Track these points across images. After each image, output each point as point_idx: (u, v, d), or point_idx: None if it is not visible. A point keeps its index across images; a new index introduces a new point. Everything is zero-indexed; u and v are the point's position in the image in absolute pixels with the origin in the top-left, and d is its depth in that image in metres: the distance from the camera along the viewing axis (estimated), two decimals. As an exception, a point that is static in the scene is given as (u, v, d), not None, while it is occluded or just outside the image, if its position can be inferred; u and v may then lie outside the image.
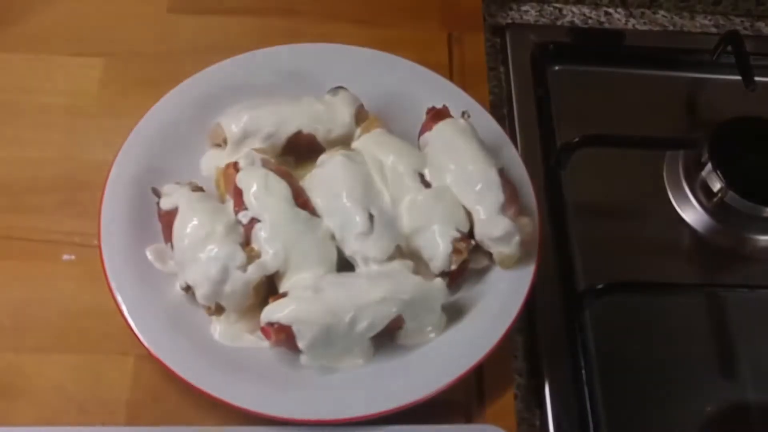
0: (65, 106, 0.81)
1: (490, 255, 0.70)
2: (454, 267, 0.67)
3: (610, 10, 0.98)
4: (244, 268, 0.64)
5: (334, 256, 0.67)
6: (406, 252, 0.68)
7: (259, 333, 0.65)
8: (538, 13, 0.97)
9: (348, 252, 0.67)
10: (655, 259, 0.80)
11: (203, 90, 0.78)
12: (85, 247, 0.73)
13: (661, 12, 0.99)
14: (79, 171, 0.77)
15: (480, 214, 0.68)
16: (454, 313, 0.68)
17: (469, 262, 0.69)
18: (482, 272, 0.71)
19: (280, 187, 0.67)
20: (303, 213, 0.67)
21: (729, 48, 0.89)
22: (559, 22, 0.96)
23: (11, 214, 0.74)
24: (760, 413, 0.73)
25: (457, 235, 0.67)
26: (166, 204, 0.68)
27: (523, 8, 0.97)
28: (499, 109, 0.87)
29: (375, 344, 0.66)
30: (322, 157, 0.73)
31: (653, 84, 0.93)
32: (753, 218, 0.80)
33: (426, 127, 0.74)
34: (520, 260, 0.70)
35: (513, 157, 0.76)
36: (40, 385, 0.66)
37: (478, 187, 0.69)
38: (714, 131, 0.82)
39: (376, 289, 0.63)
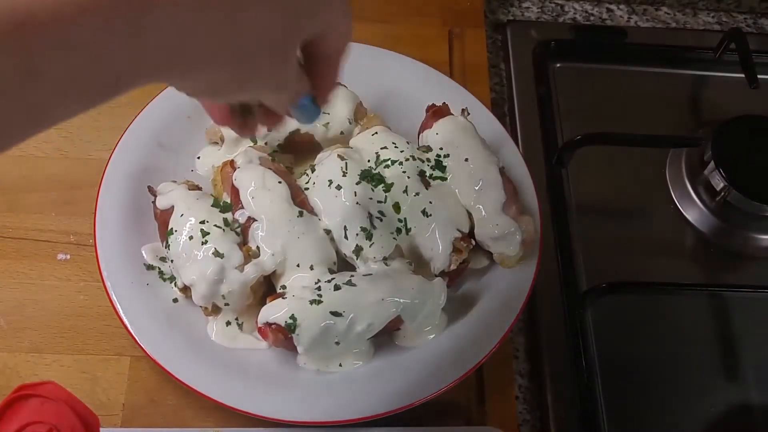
0: (61, 104, 0.80)
1: (490, 255, 0.70)
2: (453, 267, 0.66)
3: (612, 7, 0.98)
4: (241, 267, 0.63)
5: (332, 256, 0.66)
6: (405, 252, 0.67)
7: (257, 333, 0.64)
8: (539, 10, 0.96)
9: (347, 252, 0.66)
10: (657, 258, 0.80)
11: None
12: (81, 247, 0.72)
13: (664, 9, 0.98)
14: (74, 169, 0.77)
15: (480, 213, 0.68)
16: (454, 313, 0.67)
17: (468, 262, 0.68)
18: (483, 272, 0.70)
19: (278, 185, 0.66)
20: (301, 212, 0.66)
21: (732, 45, 0.88)
22: (560, 19, 0.96)
23: (6, 213, 0.74)
24: (762, 414, 0.72)
25: (458, 234, 0.67)
26: (162, 203, 0.67)
27: (525, 5, 0.96)
28: (500, 107, 0.87)
29: (374, 344, 0.65)
30: (320, 155, 0.72)
31: (656, 82, 0.92)
32: (756, 217, 0.80)
33: (426, 125, 0.73)
34: (521, 260, 0.69)
35: (514, 156, 0.76)
36: (35, 387, 0.65)
37: (479, 185, 0.68)
38: (717, 129, 0.81)
39: (375, 290, 0.62)
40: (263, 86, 0.40)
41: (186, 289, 0.66)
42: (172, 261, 0.66)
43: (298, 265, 0.64)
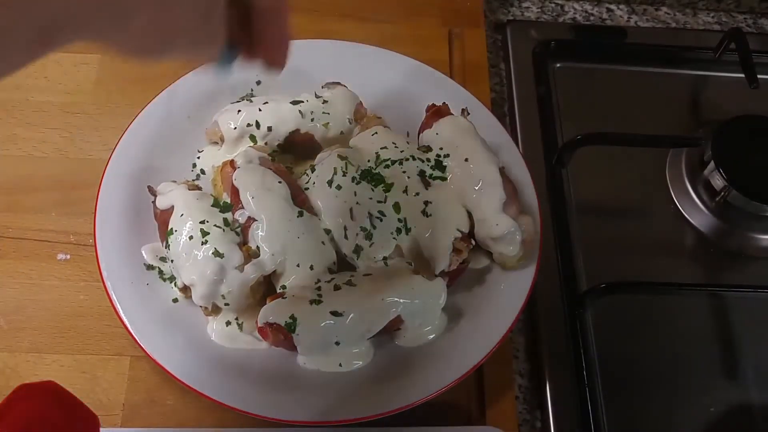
0: (61, 104, 0.80)
1: (490, 255, 0.70)
2: (453, 267, 0.66)
3: (612, 7, 0.98)
4: (241, 267, 0.64)
5: (332, 256, 0.66)
6: (405, 252, 0.67)
7: (257, 333, 0.64)
8: (539, 10, 0.96)
9: (347, 252, 0.66)
10: (657, 258, 0.80)
11: (200, 87, 0.77)
12: (81, 247, 0.72)
13: (664, 9, 0.98)
14: (75, 169, 0.77)
15: (480, 213, 0.68)
16: (453, 313, 0.67)
17: (468, 262, 0.68)
18: (483, 272, 0.70)
19: (278, 185, 0.66)
20: (301, 212, 0.66)
21: (732, 45, 0.88)
22: (560, 19, 0.96)
23: (6, 213, 0.74)
24: (762, 414, 0.72)
25: (458, 234, 0.67)
26: (162, 203, 0.67)
27: (525, 5, 0.96)
28: (500, 107, 0.87)
29: (374, 344, 0.65)
30: (320, 155, 0.72)
31: (656, 82, 0.92)
32: (756, 217, 0.80)
33: (426, 125, 0.73)
34: (521, 260, 0.69)
35: (514, 156, 0.75)
36: (35, 386, 0.65)
37: (479, 185, 0.68)
38: (717, 129, 0.81)
39: (375, 290, 0.63)
40: (188, 40, 0.42)
41: (186, 289, 0.66)
42: (172, 261, 0.66)
43: (298, 265, 0.64)
